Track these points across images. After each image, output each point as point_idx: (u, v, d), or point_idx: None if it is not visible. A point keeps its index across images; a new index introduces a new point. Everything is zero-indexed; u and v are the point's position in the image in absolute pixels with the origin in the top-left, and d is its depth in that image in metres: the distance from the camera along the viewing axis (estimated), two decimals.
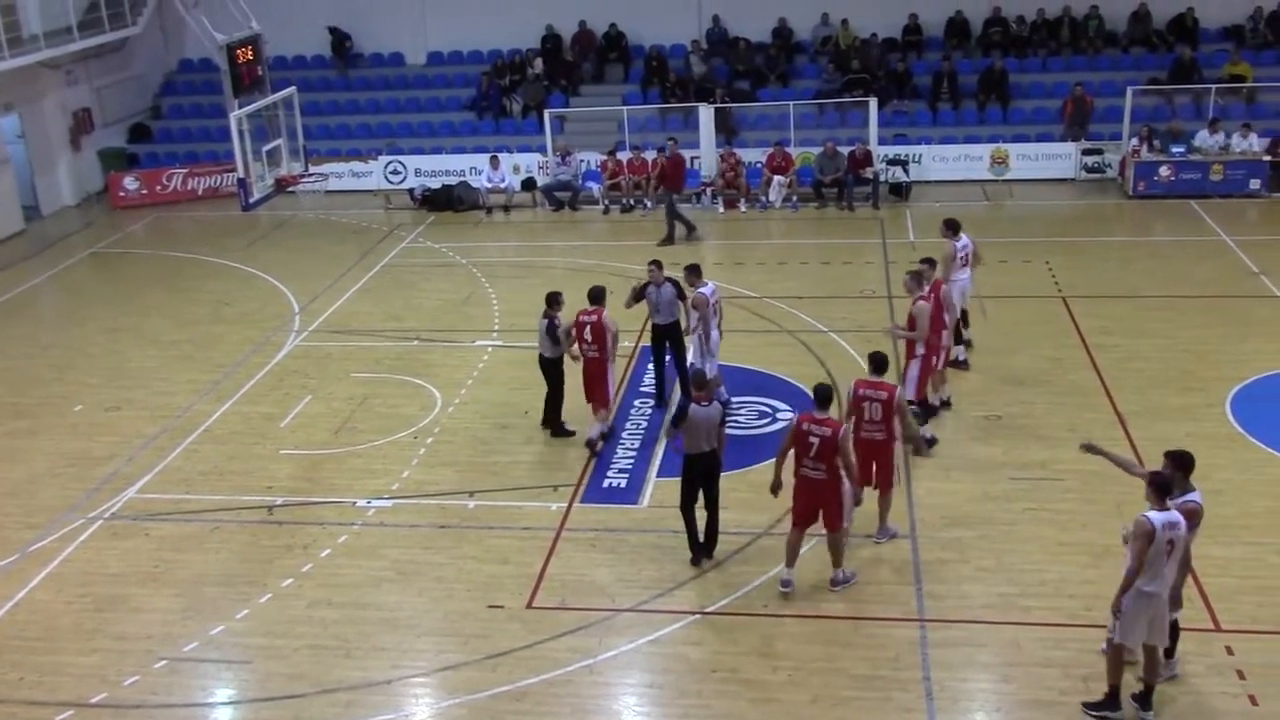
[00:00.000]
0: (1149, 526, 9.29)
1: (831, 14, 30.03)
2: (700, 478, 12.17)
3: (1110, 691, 9.96)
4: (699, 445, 12.00)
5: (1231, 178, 25.06)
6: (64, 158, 28.87)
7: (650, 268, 15.91)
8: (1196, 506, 9.77)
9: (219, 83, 24.25)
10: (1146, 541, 9.31)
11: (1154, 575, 9.44)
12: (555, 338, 15.17)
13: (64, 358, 19.28)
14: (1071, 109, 26.94)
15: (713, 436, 11.97)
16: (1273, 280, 19.86)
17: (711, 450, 12.02)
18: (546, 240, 24.95)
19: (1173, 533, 9.36)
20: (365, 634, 11.59)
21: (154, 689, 10.96)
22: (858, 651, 10.97)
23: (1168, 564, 9.45)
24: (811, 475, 11.47)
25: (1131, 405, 15.50)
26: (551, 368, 15.46)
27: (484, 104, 30.14)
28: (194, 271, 23.53)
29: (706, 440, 11.97)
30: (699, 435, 11.94)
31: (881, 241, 23.16)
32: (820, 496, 11.54)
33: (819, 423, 11.37)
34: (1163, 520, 9.33)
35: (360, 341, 19.21)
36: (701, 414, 11.88)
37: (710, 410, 11.90)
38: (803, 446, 11.44)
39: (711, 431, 11.94)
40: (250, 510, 14.05)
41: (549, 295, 15.39)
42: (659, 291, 15.73)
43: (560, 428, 15.55)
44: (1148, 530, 9.30)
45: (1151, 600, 9.53)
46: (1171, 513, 9.42)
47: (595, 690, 10.70)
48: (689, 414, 11.97)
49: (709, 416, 11.90)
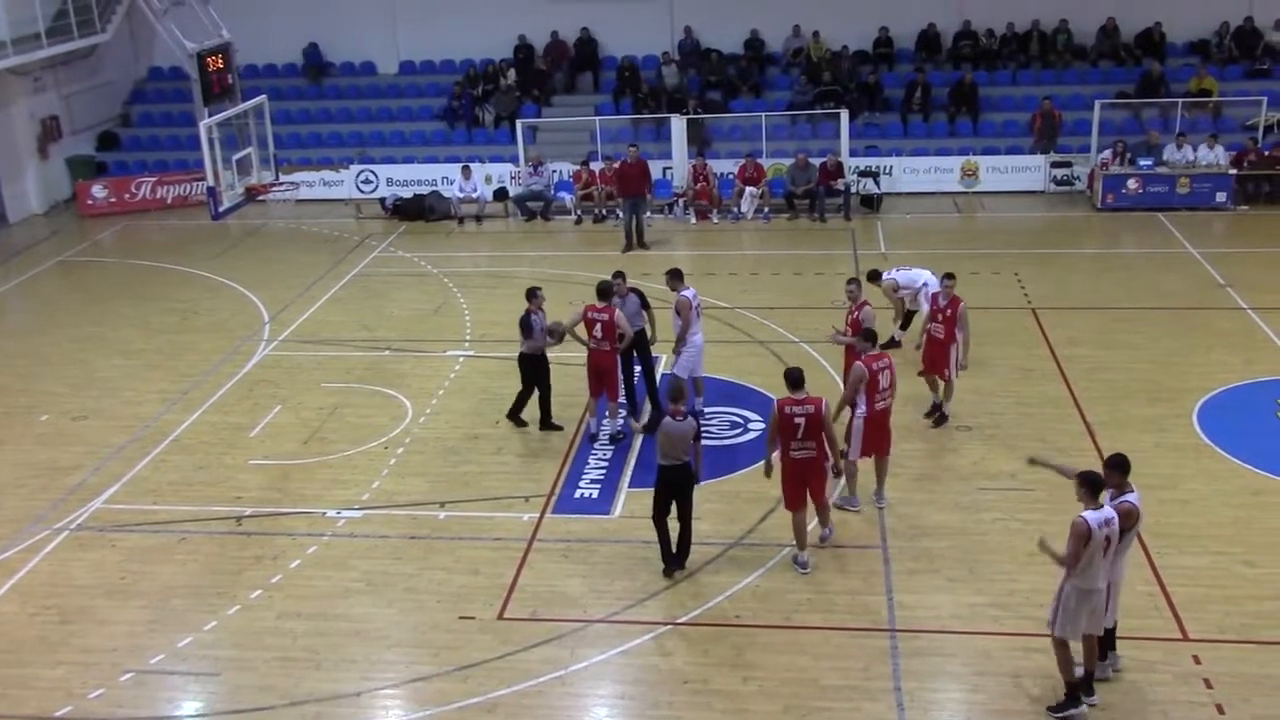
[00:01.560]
0: (1085, 527, 9.57)
1: (803, 26, 30.18)
2: (674, 489, 12.16)
3: (1069, 691, 10.10)
4: (673, 457, 11.99)
5: (1198, 191, 25.32)
6: (31, 165, 28.62)
7: (615, 281, 15.89)
8: (1132, 508, 10.03)
9: (189, 91, 24.22)
10: (1082, 542, 9.59)
11: (1093, 573, 9.69)
12: (530, 332, 15.35)
13: (30, 367, 19.09)
14: (1040, 122, 27.17)
15: (686, 449, 11.96)
16: (1238, 292, 20.07)
17: (685, 463, 12.03)
18: (518, 250, 24.92)
19: (1108, 529, 9.67)
20: (335, 645, 11.51)
21: (120, 702, 10.85)
22: (829, 662, 10.99)
23: (1105, 560, 9.69)
24: (800, 456, 12.06)
25: (1100, 416, 15.62)
26: (528, 364, 15.57)
27: (456, 114, 30.11)
28: (163, 280, 23.37)
29: (681, 452, 11.97)
30: (673, 447, 11.93)
31: (853, 252, 23.26)
32: (809, 474, 12.16)
33: (799, 403, 11.95)
34: (1098, 519, 9.61)
35: (331, 351, 19.12)
36: (676, 428, 11.87)
37: (684, 425, 11.90)
38: (788, 429, 11.97)
39: (685, 444, 11.93)
40: (219, 521, 13.94)
41: (528, 290, 15.62)
42: (624, 303, 15.75)
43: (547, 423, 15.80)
44: (1083, 530, 9.58)
45: (1091, 596, 9.81)
46: (1105, 509, 9.73)
47: (567, 701, 10.67)
48: (663, 426, 11.94)
49: (683, 431, 11.89)
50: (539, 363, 15.63)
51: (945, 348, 15.19)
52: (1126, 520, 9.94)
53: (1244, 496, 13.64)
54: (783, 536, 12.83)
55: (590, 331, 15.07)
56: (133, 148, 30.88)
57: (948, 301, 15.25)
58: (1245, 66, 28.51)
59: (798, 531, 12.36)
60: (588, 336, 15.10)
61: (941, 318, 15.21)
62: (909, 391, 16.51)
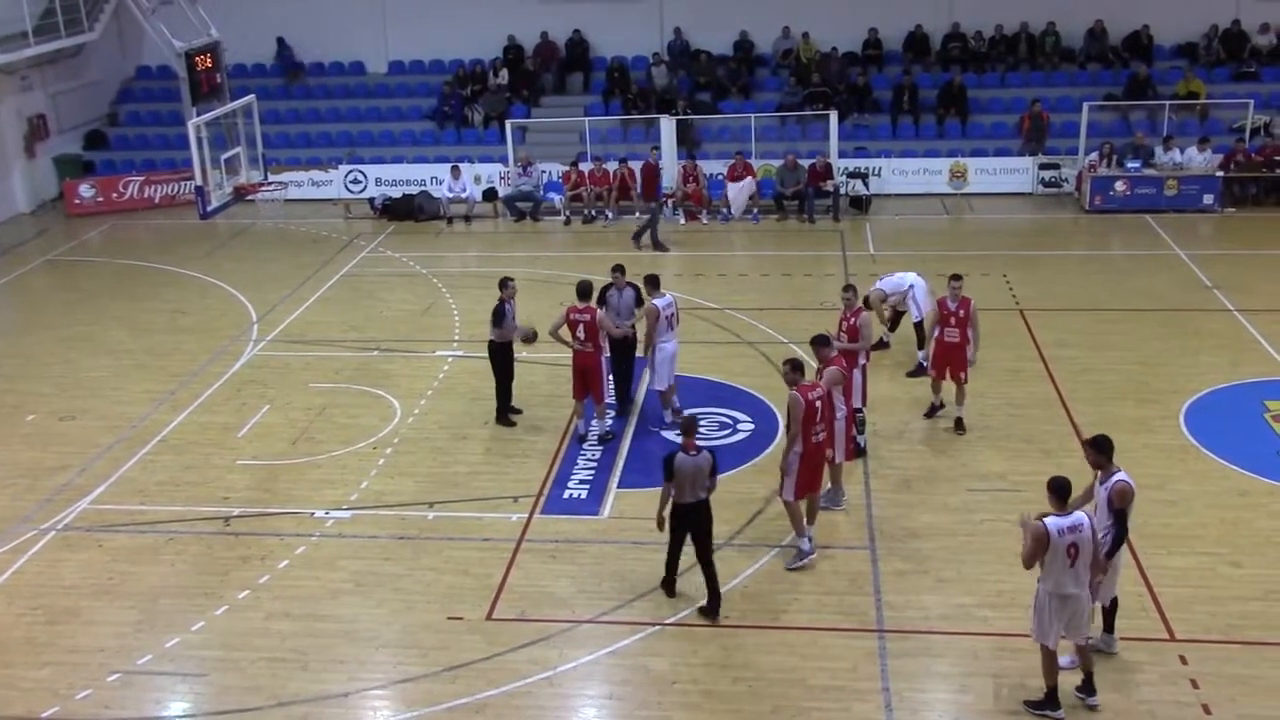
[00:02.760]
0: (1042, 531, 9.61)
1: (793, 27, 30.23)
2: (691, 528, 11.57)
3: (1049, 691, 10.15)
4: (689, 495, 11.41)
5: (1186, 193, 25.42)
6: (18, 164, 28.52)
7: (615, 274, 16.05)
8: (1126, 486, 10.19)
9: (177, 90, 24.11)
10: (1039, 546, 9.65)
11: (1059, 579, 9.73)
12: (501, 321, 15.55)
13: (17, 367, 19.02)
14: (1029, 124, 27.28)
15: (702, 485, 11.42)
16: (1225, 294, 20.16)
17: (702, 500, 11.47)
18: (508, 251, 24.91)
19: (1074, 536, 9.68)
20: (323, 646, 11.49)
21: (107, 703, 10.81)
22: (817, 662, 11.00)
23: (1073, 567, 9.70)
24: (822, 439, 12.31)
25: (1088, 417, 15.66)
26: (497, 353, 15.77)
27: (445, 114, 30.07)
28: (150, 280, 23.30)
29: (697, 489, 11.40)
30: (689, 484, 11.35)
31: (842, 254, 23.30)
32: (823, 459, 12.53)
33: (814, 387, 12.28)
34: (1059, 525, 9.63)
35: (319, 351, 19.08)
36: (690, 463, 11.29)
37: (699, 459, 11.35)
38: (810, 416, 12.09)
39: (700, 480, 11.39)
40: (206, 521, 13.91)
41: (500, 280, 15.87)
42: (620, 295, 15.88)
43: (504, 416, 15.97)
44: (1040, 534, 9.62)
45: (1066, 602, 9.83)
46: (1073, 515, 9.74)
47: (555, 702, 10.66)
48: (677, 463, 11.26)
49: (698, 465, 11.34)
50: (506, 351, 15.80)
51: (961, 350, 15.02)
52: (1122, 500, 10.16)
53: (1230, 497, 13.69)
54: (769, 537, 12.88)
55: (573, 333, 15.08)
56: (120, 147, 30.79)
57: (958, 303, 15.03)
58: (1232, 69, 28.64)
59: (809, 514, 12.57)
60: (570, 338, 15.09)
61: (954, 320, 14.97)
62: (899, 394, 16.57)
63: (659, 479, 13.68)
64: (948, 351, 15.17)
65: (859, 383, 14.59)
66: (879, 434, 15.33)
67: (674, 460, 11.28)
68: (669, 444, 15.35)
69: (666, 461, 11.28)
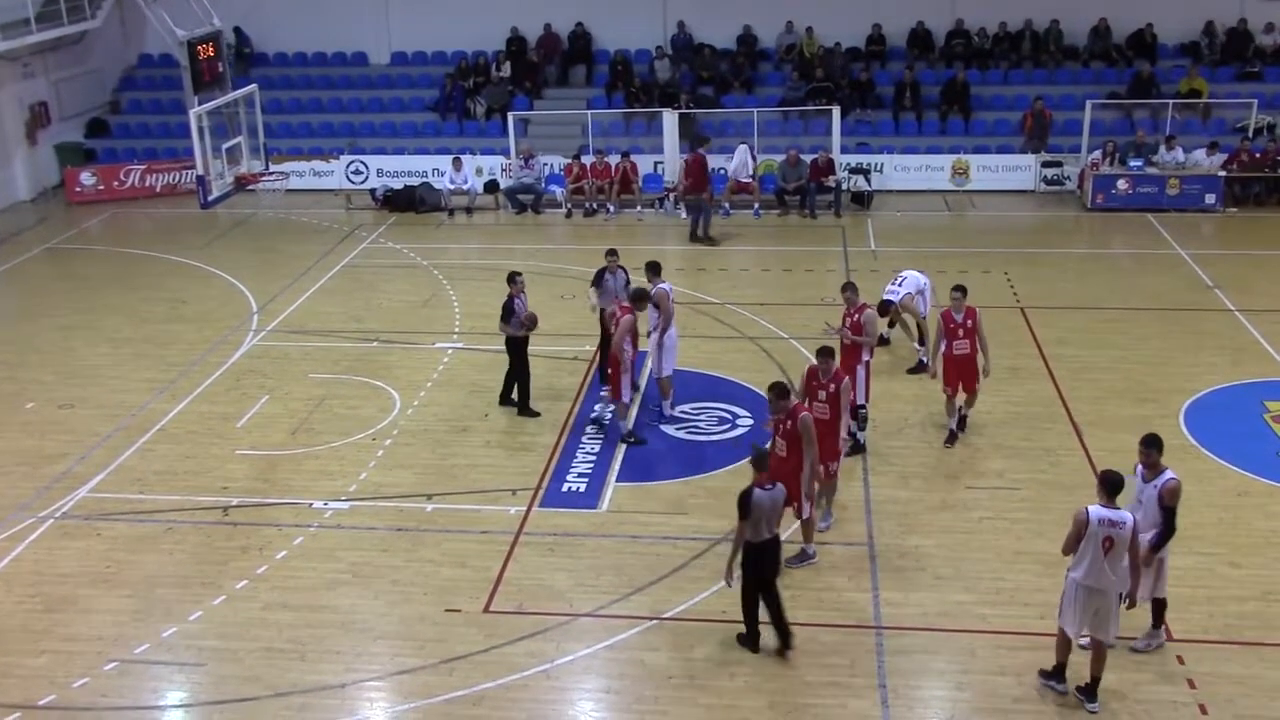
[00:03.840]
0: (1082, 516, 9.85)
1: (796, 22, 30.19)
2: (767, 569, 10.92)
3: (1058, 665, 10.40)
4: (764, 531, 10.73)
5: (1188, 192, 25.40)
6: (19, 152, 28.47)
7: (609, 258, 16.58)
8: (1176, 484, 10.44)
9: (179, 78, 24.08)
10: (1077, 528, 9.90)
11: (1089, 569, 9.88)
12: (509, 317, 15.62)
13: (16, 354, 19.00)
14: (1031, 122, 27.25)
15: (776, 521, 10.82)
16: (1226, 294, 20.14)
17: (775, 536, 10.88)
18: (509, 243, 24.89)
19: (1112, 530, 9.80)
20: (320, 637, 11.49)
21: (104, 691, 10.81)
22: (814, 658, 11.00)
23: (1106, 560, 9.81)
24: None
25: (1087, 416, 15.66)
26: (510, 346, 15.83)
27: (447, 105, 30.03)
28: (151, 269, 23.28)
29: (772, 525, 10.79)
30: (765, 521, 10.70)
31: (843, 249, 23.28)
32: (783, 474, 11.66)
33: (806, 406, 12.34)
34: (1100, 515, 9.81)
35: (319, 342, 19.07)
36: (766, 498, 10.64)
37: (775, 493, 10.71)
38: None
39: (776, 515, 10.79)
40: (205, 511, 13.91)
41: (509, 275, 15.98)
42: (615, 278, 16.37)
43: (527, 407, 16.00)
44: (1080, 519, 9.85)
45: (1092, 595, 9.96)
46: (1116, 512, 9.87)
47: (552, 695, 10.66)
48: (754, 499, 10.56)
49: (774, 500, 10.74)
50: (522, 344, 15.88)
51: (972, 362, 14.75)
52: (1172, 498, 10.39)
53: (1229, 498, 13.70)
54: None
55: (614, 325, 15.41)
56: (122, 135, 30.74)
57: (964, 314, 14.74)
58: (1236, 68, 28.59)
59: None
60: None
61: (963, 332, 14.69)
62: (898, 391, 16.57)
63: (657, 474, 13.77)
64: (959, 364, 14.81)
65: (862, 379, 14.58)
66: (878, 430, 15.32)
67: (750, 497, 10.56)
68: (666, 438, 15.39)
69: (742, 499, 10.54)
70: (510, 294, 15.82)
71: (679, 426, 15.67)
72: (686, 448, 15.05)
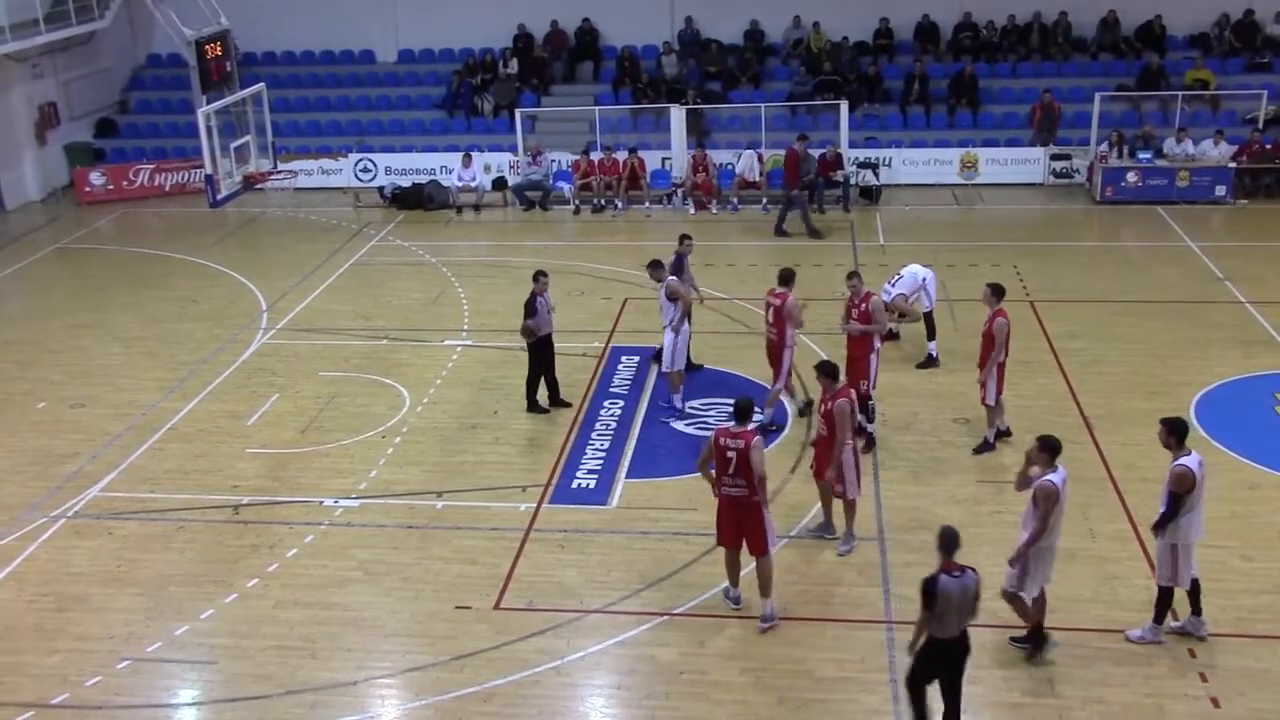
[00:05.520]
0: (1054, 489, 10.12)
1: (803, 17, 30.14)
2: (950, 670, 9.57)
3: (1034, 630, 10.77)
4: (952, 626, 9.31)
5: (1197, 184, 25.31)
6: (29, 152, 28.55)
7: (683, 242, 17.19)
8: (1185, 470, 10.45)
9: (187, 78, 24.16)
10: (1053, 503, 10.12)
11: (1055, 530, 10.38)
12: (533, 314, 15.54)
13: (27, 354, 19.06)
14: (1040, 115, 27.16)
15: (967, 612, 9.34)
16: (1237, 286, 20.07)
17: (964, 631, 9.41)
18: (517, 240, 24.90)
19: (1067, 488, 10.39)
20: (331, 635, 11.52)
21: (117, 689, 10.85)
22: (824, 653, 11.00)
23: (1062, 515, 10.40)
24: (732, 494, 11.05)
25: (1098, 409, 15.62)
26: (536, 345, 15.80)
27: (455, 103, 30.04)
28: (160, 268, 23.33)
29: (961, 618, 9.33)
30: (953, 613, 9.25)
31: (852, 244, 23.24)
32: (742, 516, 11.13)
33: (734, 435, 10.93)
34: (1062, 479, 10.29)
35: (328, 340, 19.10)
36: (955, 585, 9.17)
37: (965, 580, 9.22)
38: (721, 463, 11.01)
39: (966, 607, 9.29)
40: (216, 509, 13.94)
41: (534, 273, 15.97)
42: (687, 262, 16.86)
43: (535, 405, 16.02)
44: (1053, 492, 10.17)
45: (1051, 552, 10.50)
46: (1060, 470, 10.34)
47: (563, 691, 10.68)
48: (940, 587, 9.14)
49: (965, 588, 9.22)
50: (545, 342, 15.84)
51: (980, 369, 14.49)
52: (1178, 484, 10.41)
53: (1241, 491, 13.65)
54: (779, 528, 12.82)
55: (765, 315, 15.41)
56: (131, 135, 30.80)
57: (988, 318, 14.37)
58: (1245, 59, 28.48)
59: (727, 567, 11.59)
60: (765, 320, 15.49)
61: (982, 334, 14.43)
62: (909, 385, 16.54)
63: (667, 469, 13.74)
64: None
65: (873, 366, 14.58)
66: (889, 425, 15.31)
67: (936, 585, 9.15)
68: (676, 433, 15.39)
69: (926, 587, 9.17)
70: (533, 291, 15.67)
71: (688, 422, 15.67)
72: (696, 443, 15.02)
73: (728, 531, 11.33)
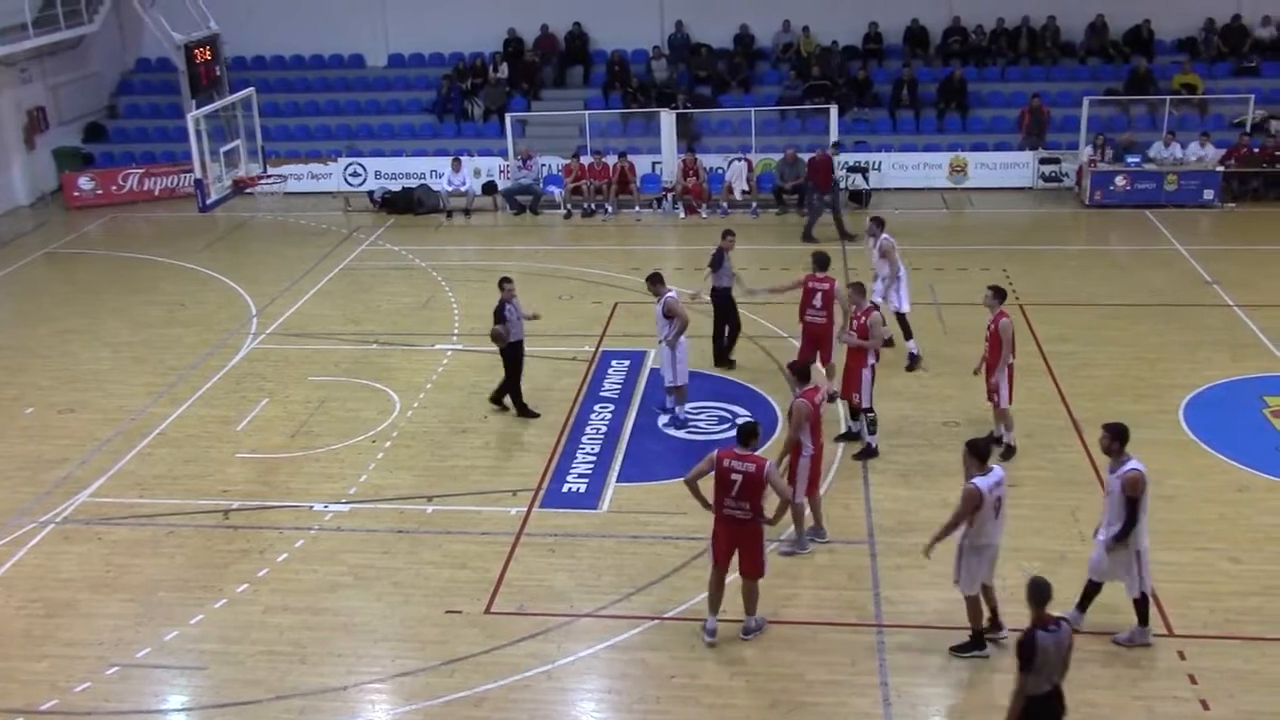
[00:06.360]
0: (977, 492, 10.37)
1: (793, 21, 30.20)
2: None
3: (974, 636, 10.92)
4: (1045, 681, 8.67)
5: (1186, 188, 25.39)
6: (18, 156, 28.46)
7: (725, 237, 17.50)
8: (1139, 474, 10.51)
9: (176, 82, 24.15)
10: (973, 505, 10.39)
11: (986, 530, 10.54)
12: (502, 320, 15.57)
13: (16, 359, 19.00)
14: (1029, 119, 27.24)
15: (1065, 668, 8.80)
16: (1225, 290, 20.14)
17: (1058, 687, 8.81)
18: (507, 244, 24.89)
19: (999, 490, 10.50)
20: (321, 640, 11.49)
21: (106, 696, 10.82)
22: (815, 657, 11.00)
23: (996, 519, 10.58)
24: (736, 516, 10.83)
25: (1087, 412, 15.65)
26: (507, 351, 15.80)
27: (445, 107, 30.04)
28: (150, 273, 23.28)
29: (1055, 673, 8.73)
30: (1050, 668, 8.65)
31: (842, 248, 23.26)
32: (741, 536, 10.94)
33: (741, 459, 10.77)
34: (988, 483, 10.42)
35: (318, 344, 19.08)
36: (1051, 640, 8.58)
37: (1061, 634, 8.65)
38: (724, 484, 10.79)
39: (1064, 663, 8.77)
40: (205, 514, 13.91)
41: (500, 280, 15.95)
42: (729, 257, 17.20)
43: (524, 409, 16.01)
44: (976, 495, 10.37)
45: (985, 550, 10.66)
46: (995, 472, 10.52)
47: (553, 696, 10.67)
48: (1037, 642, 8.52)
49: (1060, 643, 8.66)
50: (515, 349, 15.84)
51: (991, 372, 14.39)
52: (1134, 488, 10.44)
53: (1229, 493, 13.69)
54: (768, 532, 12.80)
55: (809, 301, 15.74)
56: (120, 139, 30.74)
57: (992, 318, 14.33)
58: (1233, 64, 28.60)
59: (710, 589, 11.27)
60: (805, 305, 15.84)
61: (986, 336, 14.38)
62: (898, 389, 16.57)
63: (657, 474, 13.75)
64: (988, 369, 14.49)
65: (867, 382, 14.54)
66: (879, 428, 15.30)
67: (1034, 642, 8.53)
68: (666, 438, 15.39)
69: (1024, 649, 8.52)
70: (501, 299, 15.70)
71: (678, 427, 15.68)
72: (686, 447, 15.04)
73: (721, 550, 11.06)
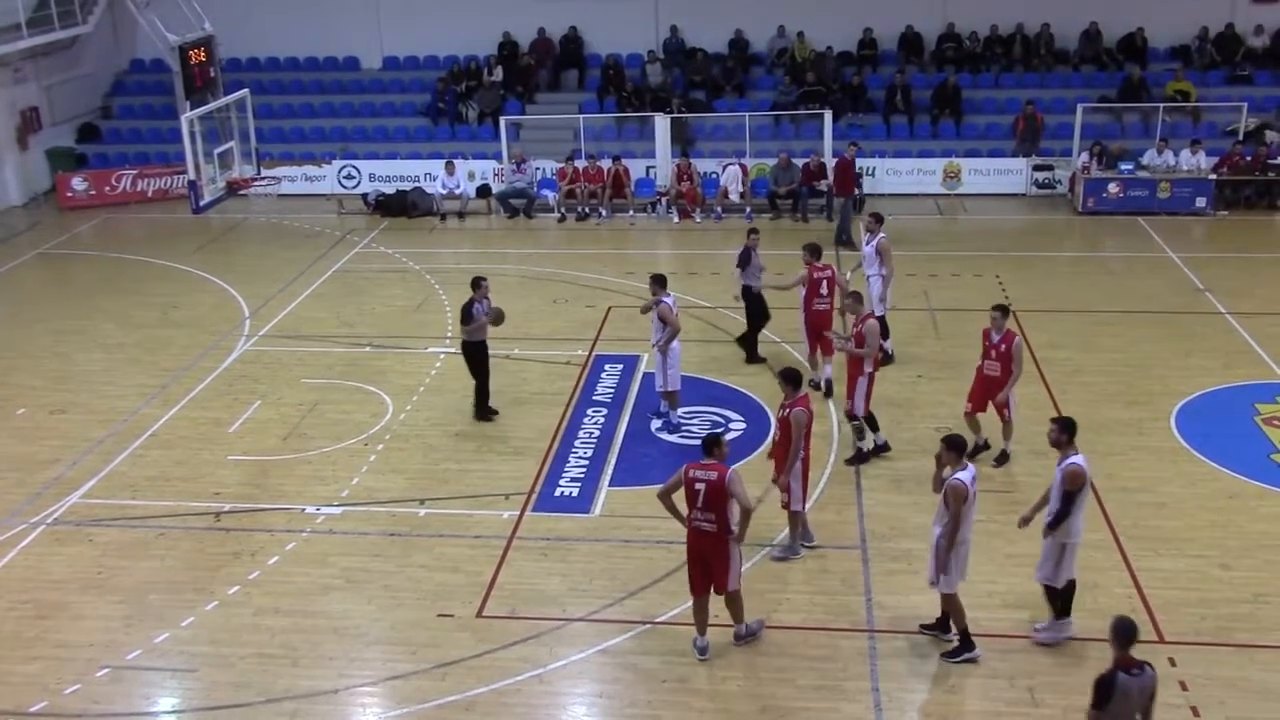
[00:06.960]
0: (964, 488, 10.47)
1: (788, 26, 30.22)
2: None
3: (963, 637, 10.88)
4: None
5: (1178, 195, 25.47)
6: (11, 157, 28.42)
7: (750, 235, 17.72)
8: (1079, 469, 10.67)
9: (170, 83, 24.07)
10: (963, 501, 10.47)
11: (969, 525, 10.67)
12: (469, 320, 15.67)
13: (8, 360, 18.96)
14: (1023, 125, 27.29)
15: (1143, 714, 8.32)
16: (1217, 297, 20.20)
17: None
18: (501, 247, 24.88)
19: (975, 486, 10.67)
20: (313, 643, 11.48)
21: (96, 698, 10.79)
22: (807, 662, 11.01)
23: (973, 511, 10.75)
24: (703, 528, 10.68)
25: (1079, 419, 15.50)
26: (471, 352, 15.87)
27: (439, 110, 30.03)
28: (143, 274, 23.24)
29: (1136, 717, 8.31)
30: (1129, 715, 8.21)
31: (835, 253, 23.28)
32: (709, 551, 10.76)
33: (703, 468, 10.62)
34: (970, 477, 10.59)
35: (311, 347, 19.05)
36: (1134, 685, 8.11)
37: (1145, 679, 8.17)
38: (690, 495, 10.69)
39: (1145, 709, 8.28)
40: (197, 516, 13.88)
41: (473, 279, 16.00)
42: (756, 254, 17.45)
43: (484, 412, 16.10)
44: (963, 492, 10.46)
45: (963, 547, 10.75)
46: (970, 467, 10.70)
47: (545, 700, 10.66)
48: (1119, 686, 8.06)
49: (1144, 689, 8.18)
50: (479, 350, 15.90)
51: (1001, 386, 14.40)
52: (1072, 482, 10.62)
53: (1220, 500, 13.73)
54: (760, 536, 12.85)
55: (816, 290, 16.31)
56: (113, 140, 30.69)
57: (1001, 336, 14.29)
58: (1226, 72, 28.68)
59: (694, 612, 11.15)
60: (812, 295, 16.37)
61: (995, 354, 14.36)
62: (891, 395, 16.58)
63: (649, 478, 13.77)
64: (988, 385, 14.51)
65: (861, 389, 14.55)
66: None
67: (1114, 684, 8.06)
68: (658, 442, 15.39)
69: (1103, 686, 8.08)
70: (472, 298, 15.77)
71: (672, 432, 15.69)
72: (678, 452, 15.04)
73: (695, 573, 10.92)
